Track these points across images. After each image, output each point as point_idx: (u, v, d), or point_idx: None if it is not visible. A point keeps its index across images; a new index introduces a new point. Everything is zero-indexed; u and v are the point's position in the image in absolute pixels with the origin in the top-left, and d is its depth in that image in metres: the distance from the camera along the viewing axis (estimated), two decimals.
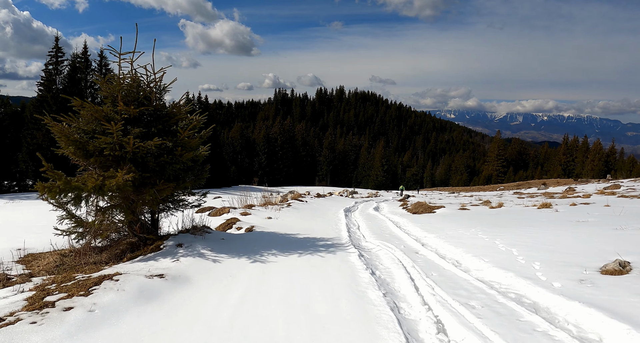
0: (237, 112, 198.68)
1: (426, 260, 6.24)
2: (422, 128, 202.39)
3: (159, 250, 6.08)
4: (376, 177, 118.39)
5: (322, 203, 18.85)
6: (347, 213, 14.60)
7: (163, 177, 6.41)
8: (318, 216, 12.62)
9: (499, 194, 36.79)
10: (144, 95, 6.78)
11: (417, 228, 9.54)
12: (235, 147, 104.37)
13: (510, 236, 7.60)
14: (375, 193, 54.00)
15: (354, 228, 10.22)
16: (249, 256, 5.89)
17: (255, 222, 9.76)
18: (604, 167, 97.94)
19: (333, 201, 21.61)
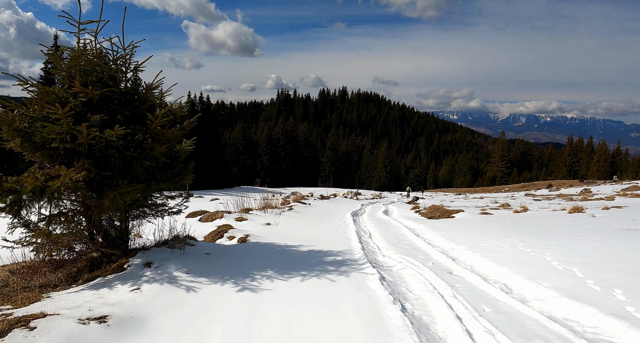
0: (240, 112, 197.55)
1: (466, 285, 4.84)
2: (425, 129, 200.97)
3: (122, 270, 4.73)
4: (379, 178, 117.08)
5: (326, 206, 17.56)
6: (355, 217, 13.34)
7: (130, 176, 5.06)
8: (323, 221, 11.28)
9: (509, 195, 35.33)
10: (109, 75, 5.40)
11: (439, 237, 8.15)
12: (237, 148, 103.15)
13: (560, 249, 6.20)
14: (379, 194, 52.59)
15: (365, 236, 8.84)
16: (236, 280, 4.50)
17: (251, 230, 8.41)
18: (610, 168, 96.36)
19: (338, 203, 20.31)
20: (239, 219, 9.57)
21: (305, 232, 8.80)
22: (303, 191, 69.98)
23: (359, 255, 6.27)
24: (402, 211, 15.78)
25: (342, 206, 19.00)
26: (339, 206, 18.73)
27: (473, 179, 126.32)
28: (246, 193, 51.87)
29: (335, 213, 14.75)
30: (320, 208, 15.87)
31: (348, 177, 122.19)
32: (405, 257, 6.25)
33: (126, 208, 5.51)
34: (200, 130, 72.18)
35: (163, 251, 5.35)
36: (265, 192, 59.61)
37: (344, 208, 17.70)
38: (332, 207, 17.70)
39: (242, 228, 8.54)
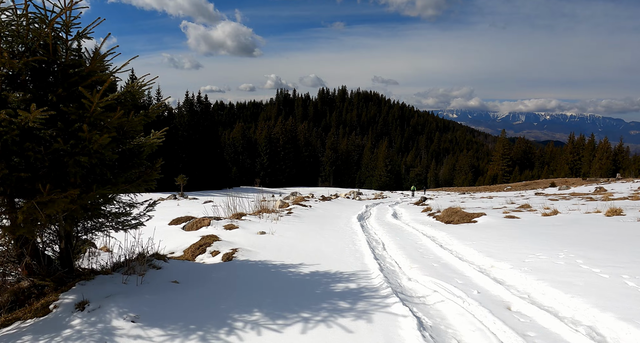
0: (239, 112, 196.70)
1: (542, 332, 3.38)
2: (425, 128, 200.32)
3: (45, 313, 3.29)
4: (380, 177, 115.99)
5: (328, 208, 16.22)
6: (362, 222, 12.04)
7: (64, 178, 3.63)
8: (327, 228, 9.90)
9: (518, 194, 33.92)
10: (40, 42, 3.95)
11: (470, 249, 6.68)
12: (236, 148, 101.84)
13: None
14: (380, 194, 51.27)
15: (379, 248, 7.35)
16: (205, 334, 3.03)
17: (242, 241, 6.96)
18: (612, 166, 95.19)
19: (340, 205, 18.95)
20: (228, 227, 8.10)
21: (306, 243, 7.35)
22: (303, 191, 68.51)
23: (378, 280, 4.78)
24: (412, 214, 14.36)
25: (346, 208, 17.69)
26: (342, 208, 17.43)
27: (474, 178, 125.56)
28: (245, 193, 50.51)
29: (339, 216, 13.47)
30: (322, 212, 14.56)
31: (348, 176, 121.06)
32: (438, 282, 4.77)
33: (73, 219, 4.09)
34: (198, 130, 70.94)
35: (113, 280, 3.88)
36: (264, 192, 58.35)
37: (348, 210, 16.39)
38: (335, 209, 16.38)
39: (231, 239, 7.09)
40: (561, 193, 26.72)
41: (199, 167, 67.23)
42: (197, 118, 71.28)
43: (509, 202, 17.50)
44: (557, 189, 34.38)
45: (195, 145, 68.33)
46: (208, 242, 6.47)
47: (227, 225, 8.24)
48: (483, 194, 39.14)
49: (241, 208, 11.18)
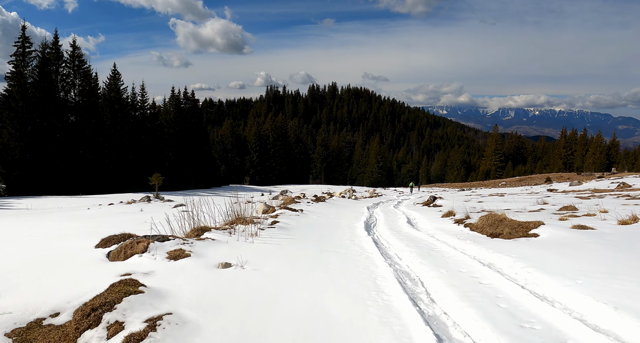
0: (229, 110, 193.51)
1: None
2: (416, 124, 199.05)
3: None
4: (371, 174, 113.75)
5: (324, 212, 13.55)
6: (372, 234, 9.38)
7: None
8: (327, 248, 7.06)
9: (524, 190, 31.24)
10: None
11: (589, 300, 3.78)
12: (225, 146, 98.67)
13: None
14: (373, 191, 48.62)
15: (422, 297, 4.20)
16: None
17: (182, 293, 3.78)
18: (606, 161, 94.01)
19: (337, 207, 16.20)
20: (174, 255, 5.04)
21: (297, 289, 4.33)
22: (294, 189, 65.54)
23: None
24: (432, 220, 11.34)
25: (344, 211, 14.93)
26: (341, 212, 14.70)
27: (466, 174, 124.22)
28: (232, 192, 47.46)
29: (340, 225, 10.72)
30: (316, 218, 11.80)
31: (340, 173, 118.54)
32: None
33: None
34: (185, 127, 67.46)
35: None
36: (253, 190, 55.20)
37: (347, 214, 13.67)
38: (332, 213, 13.67)
39: (167, 284, 4.03)
40: (581, 190, 23.94)
41: (186, 165, 64.02)
42: (183, 115, 68.04)
43: (539, 201, 14.68)
44: (567, 185, 31.68)
45: (182, 143, 65.10)
46: (116, 298, 3.48)
47: (174, 251, 5.21)
48: (486, 191, 36.36)
49: (209, 217, 8.31)
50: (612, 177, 42.11)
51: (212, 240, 6.52)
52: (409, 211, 15.34)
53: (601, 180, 32.93)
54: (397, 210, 16.50)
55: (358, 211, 15.38)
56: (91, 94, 45.98)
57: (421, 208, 16.74)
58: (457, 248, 7.05)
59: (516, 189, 36.02)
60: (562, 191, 23.93)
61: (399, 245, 7.85)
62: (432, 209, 15.41)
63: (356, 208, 16.59)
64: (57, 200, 27.42)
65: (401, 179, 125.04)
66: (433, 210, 14.63)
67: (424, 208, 16.04)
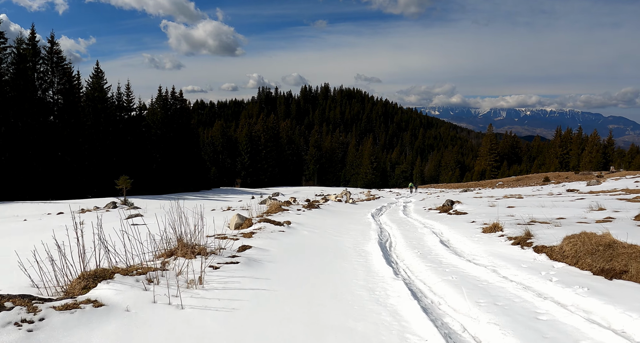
0: (220, 111, 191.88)
1: None
2: (410, 124, 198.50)
3: None
4: (365, 175, 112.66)
5: (318, 224, 11.18)
6: (401, 272, 6.12)
7: None
8: (328, 326, 3.79)
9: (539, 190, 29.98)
10: None
11: None
12: (216, 147, 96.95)
13: None
14: (368, 192, 47.35)
15: None
16: None
17: None
18: (602, 159, 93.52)
19: (334, 215, 14.42)
20: None
21: None
22: (286, 191, 64.13)
23: None
24: (473, 238, 8.56)
25: (344, 222, 12.42)
26: (340, 223, 12.05)
27: (461, 174, 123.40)
28: (223, 195, 45.77)
29: (343, 250, 7.71)
30: (308, 235, 9.16)
31: (333, 174, 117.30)
32: None
33: None
34: (173, 128, 65.73)
35: None
36: (244, 193, 53.70)
37: (350, 229, 10.81)
38: (329, 226, 11.01)
39: None
40: (607, 190, 22.20)
41: (174, 167, 62.32)
42: (171, 115, 66.31)
43: (593, 207, 11.49)
44: (585, 184, 30.19)
45: (170, 145, 63.39)
46: None
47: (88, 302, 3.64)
48: (494, 192, 34.95)
49: (149, 237, 5.79)
50: (614, 176, 41.02)
51: (100, 306, 3.53)
52: (427, 220, 12.75)
53: (618, 180, 31.38)
54: (409, 218, 14.02)
55: (361, 221, 13.04)
56: (71, 92, 44.14)
57: (440, 216, 13.89)
58: (594, 321, 3.93)
59: (526, 189, 34.58)
60: (589, 192, 22.08)
61: (459, 302, 4.63)
62: (457, 218, 12.16)
63: (358, 217, 14.20)
64: (22, 206, 25.45)
65: (395, 180, 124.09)
66: (461, 220, 11.47)
67: (445, 217, 13.10)
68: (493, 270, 5.96)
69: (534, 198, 18.40)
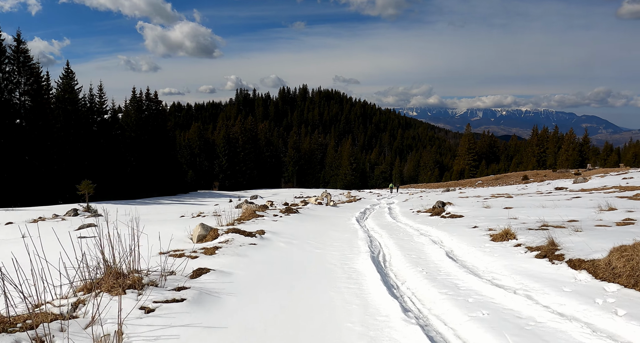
0: (198, 114, 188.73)
1: None
2: (388, 125, 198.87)
3: None
4: (345, 176, 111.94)
5: (297, 233, 9.49)
6: (411, 307, 4.55)
7: None
8: None
9: (524, 189, 29.26)
10: None
11: None
12: (193, 150, 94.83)
13: None
14: (349, 194, 46.32)
15: None
16: None
17: None
18: (579, 157, 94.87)
19: (315, 220, 12.87)
20: None
21: None
22: (264, 194, 62.66)
23: None
24: (484, 250, 6.99)
25: (327, 230, 10.75)
26: (322, 231, 10.40)
27: (440, 173, 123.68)
28: (199, 199, 44.19)
29: (328, 267, 6.32)
30: (284, 248, 7.71)
31: (312, 176, 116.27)
32: None
33: None
34: (148, 130, 63.58)
35: None
36: (222, 196, 52.10)
37: (334, 238, 9.22)
38: (310, 236, 9.34)
39: None
40: (598, 188, 21.31)
41: (149, 171, 60.26)
42: (146, 117, 64.20)
43: (603, 207, 10.31)
44: (571, 182, 29.52)
45: (145, 148, 61.29)
46: None
47: None
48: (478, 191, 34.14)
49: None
50: (596, 173, 40.87)
51: None
52: (420, 226, 11.18)
53: (604, 177, 30.72)
54: (398, 223, 12.56)
55: (346, 227, 11.52)
56: (39, 93, 41.89)
57: (433, 219, 12.31)
58: None
59: (511, 188, 33.80)
60: (580, 190, 21.06)
61: None
62: (455, 223, 10.63)
63: (342, 222, 12.75)
64: None
65: (374, 180, 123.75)
66: (459, 225, 9.93)
67: (440, 221, 11.56)
68: (527, 296, 4.54)
69: (526, 198, 17.45)
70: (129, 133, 60.60)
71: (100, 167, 49.54)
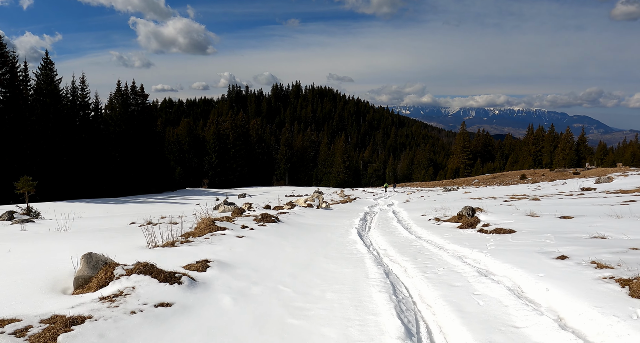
0: (189, 110, 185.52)
1: None
2: (381, 123, 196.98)
3: None
4: (338, 174, 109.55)
5: (268, 265, 6.13)
6: None
7: None
8: None
9: (536, 189, 27.06)
10: None
11: None
12: (182, 146, 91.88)
13: None
14: (342, 193, 44.21)
15: None
16: None
17: None
18: (575, 157, 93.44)
19: (300, 235, 9.48)
20: None
21: None
22: (254, 192, 60.24)
23: None
24: None
25: (317, 255, 7.29)
26: (308, 262, 6.63)
27: (434, 172, 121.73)
28: (186, 197, 41.56)
29: None
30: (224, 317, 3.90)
31: (305, 174, 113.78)
32: None
33: None
34: (133, 125, 60.76)
35: None
36: (211, 194, 49.49)
37: (330, 292, 4.92)
38: (286, 276, 5.64)
39: None
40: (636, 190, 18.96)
41: (134, 167, 57.51)
42: (131, 111, 61.40)
43: None
44: (592, 182, 27.12)
45: (130, 143, 58.50)
46: None
47: None
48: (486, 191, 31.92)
49: None
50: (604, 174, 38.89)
51: None
52: (457, 247, 7.75)
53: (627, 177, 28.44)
54: (421, 241, 9.05)
55: (345, 249, 8.05)
56: (12, 84, 39.11)
57: (470, 235, 8.95)
58: None
59: (522, 188, 31.42)
60: (619, 191, 18.33)
61: None
62: (515, 245, 7.19)
63: (337, 238, 9.50)
64: None
65: (368, 179, 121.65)
66: (533, 253, 6.27)
67: (486, 240, 8.07)
68: None
69: (563, 201, 14.44)
70: (113, 128, 57.84)
71: (81, 163, 46.85)
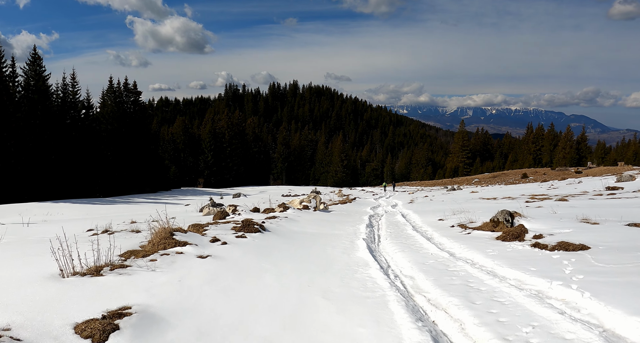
0: (186, 109, 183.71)
1: None
2: (379, 122, 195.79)
3: None
4: (335, 173, 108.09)
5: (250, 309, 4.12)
6: None
7: None
8: None
9: (551, 188, 25.51)
10: None
11: None
12: (177, 145, 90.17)
13: None
14: (340, 192, 42.68)
15: None
16: None
17: None
18: (576, 155, 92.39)
19: (289, 252, 7.13)
20: None
21: None
22: (251, 191, 58.64)
23: None
24: None
25: (319, 301, 4.56)
26: (304, 315, 4.06)
27: (433, 171, 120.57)
28: (180, 197, 39.91)
29: None
30: None
31: (302, 173, 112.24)
32: None
33: None
34: (126, 123, 59.05)
35: None
36: (206, 193, 47.83)
37: None
38: None
39: None
40: None
41: (127, 166, 55.79)
42: (124, 109, 59.68)
43: None
44: (613, 181, 25.32)
45: (123, 141, 56.76)
46: None
47: None
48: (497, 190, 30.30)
49: None
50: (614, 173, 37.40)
51: None
52: (525, 277, 5.38)
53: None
54: (461, 262, 6.54)
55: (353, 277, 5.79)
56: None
57: (525, 252, 6.72)
58: None
59: (534, 187, 29.58)
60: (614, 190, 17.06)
61: None
62: (598, 266, 5.32)
63: (339, 254, 7.36)
64: None
65: (366, 178, 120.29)
66: None
67: (563, 266, 5.56)
68: None
69: (588, 201, 12.82)
70: (105, 126, 56.10)
71: (71, 162, 45.19)
